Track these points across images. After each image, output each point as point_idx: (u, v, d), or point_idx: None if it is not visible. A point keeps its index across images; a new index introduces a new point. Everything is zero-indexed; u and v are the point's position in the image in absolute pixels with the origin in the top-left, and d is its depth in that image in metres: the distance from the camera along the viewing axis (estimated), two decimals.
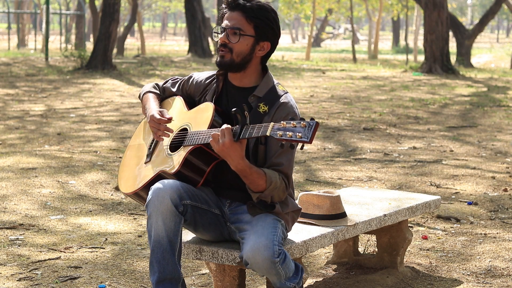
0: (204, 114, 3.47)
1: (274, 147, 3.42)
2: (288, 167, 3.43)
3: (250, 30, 3.45)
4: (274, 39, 3.51)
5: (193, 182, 3.44)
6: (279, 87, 3.52)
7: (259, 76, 3.54)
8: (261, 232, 3.31)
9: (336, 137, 9.60)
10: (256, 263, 3.27)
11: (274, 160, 3.41)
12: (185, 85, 3.69)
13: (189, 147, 3.39)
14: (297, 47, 46.68)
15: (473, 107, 12.91)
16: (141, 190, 3.50)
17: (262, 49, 3.49)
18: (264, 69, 3.56)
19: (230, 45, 3.44)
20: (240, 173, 3.32)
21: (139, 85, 15.69)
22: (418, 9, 30.86)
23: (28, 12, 37.15)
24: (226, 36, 3.45)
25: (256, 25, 3.45)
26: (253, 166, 3.32)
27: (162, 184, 3.35)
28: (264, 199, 3.40)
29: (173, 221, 3.33)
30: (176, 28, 79.22)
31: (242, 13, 3.44)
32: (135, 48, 34.00)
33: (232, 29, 3.44)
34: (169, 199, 3.31)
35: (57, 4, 46.40)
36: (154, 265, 3.35)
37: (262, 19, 3.45)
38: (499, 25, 79.85)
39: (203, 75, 3.67)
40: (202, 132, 3.38)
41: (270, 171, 3.37)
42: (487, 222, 5.78)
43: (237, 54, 3.45)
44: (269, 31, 3.48)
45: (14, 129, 9.83)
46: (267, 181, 3.34)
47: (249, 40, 3.45)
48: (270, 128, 3.11)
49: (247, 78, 3.52)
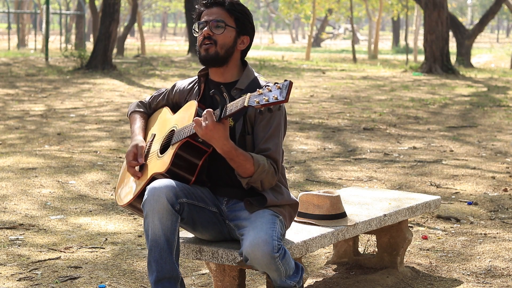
0: (188, 111, 3.52)
1: (260, 134, 3.45)
2: (276, 152, 3.45)
3: (232, 23, 3.52)
4: (252, 34, 3.59)
5: (186, 179, 3.45)
6: (261, 78, 3.57)
7: (240, 70, 3.59)
8: (260, 227, 3.32)
9: (336, 137, 9.60)
10: (255, 259, 3.28)
11: (261, 146, 3.44)
12: (170, 95, 3.74)
13: (177, 143, 3.42)
14: (297, 47, 46.68)
15: (473, 107, 12.91)
16: (135, 199, 3.51)
17: (242, 43, 3.55)
18: (244, 63, 3.61)
19: (215, 37, 3.49)
20: (227, 156, 3.33)
21: (139, 85, 15.70)
22: (418, 9, 30.87)
23: (28, 12, 37.15)
24: (209, 29, 3.49)
25: (237, 18, 3.52)
26: (238, 148, 3.35)
27: (158, 183, 3.36)
28: (254, 184, 3.41)
29: (170, 219, 3.33)
30: (176, 28, 79.23)
31: (222, 8, 3.51)
32: (135, 48, 34.01)
33: (215, 22, 3.49)
34: (165, 198, 3.31)
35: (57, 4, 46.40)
36: (152, 265, 3.35)
37: (242, 14, 3.53)
38: (499, 25, 79.85)
39: (185, 81, 3.73)
40: (187, 126, 3.42)
41: (257, 155, 3.40)
42: (487, 222, 5.78)
43: (221, 46, 3.49)
44: (248, 25, 3.55)
45: (14, 129, 9.83)
46: (255, 164, 3.36)
47: (232, 32, 3.51)
48: (247, 99, 3.14)
49: (228, 73, 3.56)
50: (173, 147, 3.44)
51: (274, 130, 3.45)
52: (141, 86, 15.46)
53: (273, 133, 3.44)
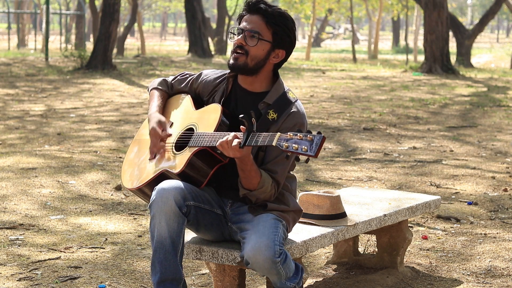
0: (211, 116, 3.46)
1: (272, 154, 3.42)
2: (281, 176, 3.44)
3: (268, 36, 3.42)
4: (289, 48, 3.49)
5: (196, 183, 3.44)
6: (289, 94, 3.49)
7: (270, 82, 3.52)
8: (262, 231, 3.31)
9: (336, 137, 9.60)
10: (257, 263, 3.28)
11: (269, 166, 3.41)
12: (194, 84, 3.67)
13: (194, 148, 3.38)
14: (297, 47, 46.62)
15: (473, 107, 12.91)
16: (145, 186, 3.49)
17: (276, 57, 3.47)
18: (276, 75, 3.54)
19: (247, 47, 3.41)
20: (241, 166, 3.31)
21: (139, 85, 15.69)
22: (418, 9, 30.86)
23: (28, 12, 37.15)
24: (243, 38, 3.42)
25: (275, 32, 3.42)
26: (254, 164, 3.33)
27: (166, 184, 3.34)
28: (250, 197, 3.42)
29: (176, 222, 3.33)
30: (176, 28, 79.22)
31: (262, 18, 3.42)
32: (135, 48, 34.00)
33: (250, 32, 3.41)
34: (173, 200, 3.31)
35: (57, 4, 46.40)
36: (156, 266, 3.35)
37: (282, 27, 3.42)
38: (499, 25, 79.84)
39: (212, 74, 3.64)
40: (208, 134, 3.37)
41: (266, 175, 3.38)
42: (487, 222, 5.78)
43: (252, 58, 3.42)
44: (286, 39, 3.45)
45: (14, 129, 9.83)
46: (260, 182, 3.35)
47: (266, 45, 3.42)
48: (276, 139, 3.08)
49: (257, 83, 3.50)
50: (189, 151, 3.40)
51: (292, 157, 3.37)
52: (141, 86, 15.46)
53: (290, 158, 3.35)
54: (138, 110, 11.88)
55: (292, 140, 3.03)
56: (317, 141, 2.99)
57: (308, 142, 3.00)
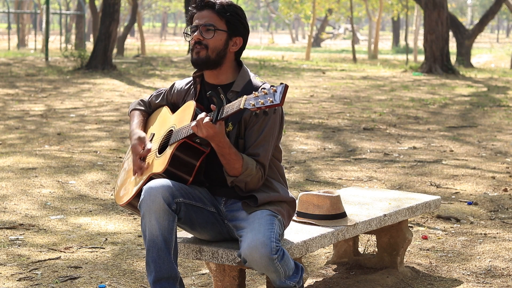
0: (186, 112, 3.53)
1: (251, 138, 3.46)
2: (264, 157, 3.46)
3: (223, 26, 3.50)
4: (245, 34, 3.57)
5: (183, 179, 3.45)
6: (256, 79, 3.57)
7: (235, 72, 3.58)
8: (258, 229, 3.32)
9: (336, 137, 9.60)
10: (254, 261, 3.28)
11: (250, 151, 3.45)
12: (168, 95, 3.76)
13: (175, 144, 3.43)
14: (297, 47, 46.68)
15: (473, 107, 12.91)
16: (134, 199, 3.52)
17: (235, 45, 3.54)
18: (239, 64, 3.60)
19: (205, 41, 3.48)
20: (220, 151, 3.35)
21: (139, 85, 15.70)
22: (418, 9, 30.87)
23: (28, 12, 37.17)
24: (200, 33, 3.49)
25: (228, 21, 3.50)
26: (233, 147, 3.37)
27: (154, 183, 3.36)
28: (238, 184, 3.44)
29: (167, 219, 3.33)
30: (176, 28, 79.21)
31: (212, 11, 3.50)
32: (135, 48, 34.01)
33: (205, 26, 3.49)
34: (161, 198, 3.32)
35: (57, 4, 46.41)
36: (150, 265, 3.35)
37: (233, 15, 3.51)
38: (499, 25, 79.84)
39: (183, 82, 3.73)
40: (185, 127, 3.43)
41: (248, 158, 3.42)
42: (487, 222, 5.78)
43: (212, 49, 3.48)
44: (240, 26, 3.53)
45: (14, 129, 9.83)
46: (243, 165, 3.38)
47: (223, 35, 3.50)
48: (243, 101, 3.16)
49: (223, 75, 3.56)
50: (170, 148, 3.45)
51: (265, 135, 3.45)
52: (141, 86, 15.46)
53: (264, 138, 3.45)
54: None
55: (257, 97, 3.12)
56: (281, 89, 3.09)
57: (272, 93, 3.10)
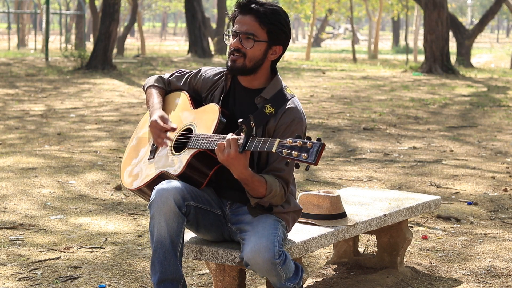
0: (209, 116, 3.46)
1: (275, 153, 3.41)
2: (288, 174, 3.42)
3: (264, 36, 3.42)
4: (285, 43, 3.50)
5: (196, 183, 3.44)
6: (286, 90, 3.50)
7: (268, 79, 3.53)
8: (261, 233, 3.31)
9: (336, 137, 9.60)
10: (256, 265, 3.28)
11: (275, 165, 3.40)
12: (193, 80, 3.66)
13: (193, 150, 3.39)
14: (297, 47, 46.66)
15: (473, 107, 12.91)
16: (145, 187, 3.50)
17: (274, 53, 3.48)
18: (273, 71, 3.55)
19: (244, 50, 3.41)
20: (242, 181, 3.31)
21: (139, 85, 15.69)
22: (418, 9, 30.86)
23: (28, 12, 37.16)
24: (239, 41, 3.42)
25: (270, 30, 3.42)
26: (255, 175, 3.30)
27: (166, 185, 3.35)
28: (262, 204, 3.40)
29: (176, 222, 3.33)
30: (176, 28, 79.21)
31: (255, 18, 3.41)
32: (135, 48, 34.00)
33: (245, 34, 3.41)
34: (172, 200, 3.31)
35: (57, 4, 46.40)
36: (155, 265, 3.35)
37: (276, 24, 3.42)
38: (499, 25, 79.83)
39: (211, 71, 3.64)
40: (207, 137, 3.37)
41: (271, 179, 3.35)
42: (487, 222, 5.78)
43: (250, 59, 3.42)
44: (282, 35, 3.46)
45: (14, 129, 9.83)
46: (267, 189, 3.33)
47: (262, 45, 3.43)
48: (276, 145, 3.09)
49: (256, 80, 3.51)
50: (188, 152, 3.40)
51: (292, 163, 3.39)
52: (141, 86, 15.43)
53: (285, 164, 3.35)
54: (138, 110, 11.88)
55: (291, 146, 3.04)
56: (317, 148, 2.99)
57: (308, 149, 3.01)
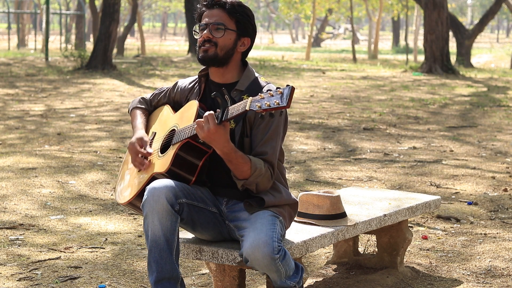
0: (189, 111, 3.53)
1: (258, 137, 3.46)
2: (272, 156, 3.46)
3: (232, 25, 3.52)
4: (253, 35, 3.59)
5: (186, 179, 3.46)
6: (261, 79, 3.58)
7: (240, 71, 3.59)
8: (260, 229, 3.33)
9: (336, 137, 9.60)
10: (256, 260, 3.28)
11: (258, 149, 3.45)
12: (171, 93, 3.76)
13: (178, 143, 3.43)
14: (297, 47, 46.67)
15: (473, 107, 12.91)
16: (136, 198, 3.51)
17: (243, 45, 3.56)
18: (244, 64, 3.61)
19: (215, 39, 3.49)
20: (226, 157, 3.35)
21: (139, 85, 15.70)
22: (418, 9, 30.86)
23: (28, 12, 37.16)
24: (209, 32, 3.50)
25: (238, 21, 3.52)
26: (238, 151, 3.36)
27: (157, 183, 3.36)
28: (249, 186, 3.43)
29: (170, 220, 3.34)
30: (176, 28, 79.22)
31: (222, 10, 3.51)
32: (135, 48, 34.00)
33: (215, 25, 3.50)
34: (164, 198, 3.32)
35: (57, 4, 46.41)
36: (152, 265, 3.36)
37: (243, 15, 3.53)
38: (499, 25, 79.84)
39: (186, 80, 3.74)
40: (188, 127, 3.43)
41: (255, 159, 3.41)
42: (487, 222, 5.78)
43: (221, 48, 3.50)
44: (249, 27, 3.55)
45: (14, 129, 9.83)
46: (252, 167, 3.38)
47: (232, 34, 3.52)
48: (249, 103, 3.15)
49: (229, 74, 3.57)
50: (173, 147, 3.45)
51: (272, 134, 3.46)
52: (141, 86, 15.46)
53: (271, 136, 3.46)
54: None
55: (263, 99, 3.12)
56: (287, 91, 3.09)
57: (279, 95, 3.10)
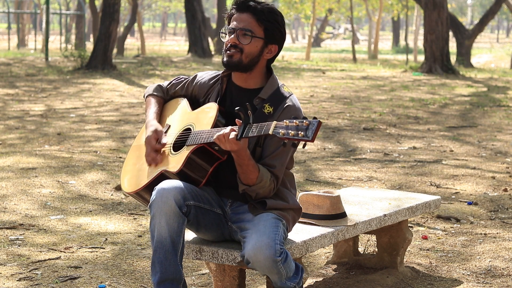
0: (207, 114, 3.48)
1: (270, 148, 3.44)
2: (280, 170, 3.45)
3: (260, 33, 3.46)
4: (281, 42, 3.53)
5: (195, 181, 3.45)
6: (284, 89, 3.53)
7: (264, 78, 3.55)
8: (263, 231, 3.32)
9: (336, 137, 9.60)
10: (257, 262, 3.28)
11: (268, 161, 3.43)
12: (189, 86, 3.69)
13: (192, 146, 3.40)
14: (297, 47, 46.67)
15: (473, 107, 12.91)
16: (143, 189, 3.50)
17: (269, 52, 3.51)
18: (269, 71, 3.56)
19: (241, 45, 3.44)
20: (239, 161, 3.33)
21: (139, 85, 15.69)
22: (418, 9, 30.86)
23: (28, 12, 37.16)
24: (236, 37, 3.45)
25: (266, 28, 3.46)
26: (252, 159, 3.35)
27: (166, 184, 3.35)
28: (249, 193, 3.43)
29: (177, 222, 3.33)
30: (176, 28, 79.21)
31: (252, 15, 3.45)
32: (135, 48, 34.00)
33: (242, 30, 3.44)
34: (173, 200, 3.31)
35: (57, 4, 46.40)
36: (156, 265, 3.35)
37: (272, 22, 3.46)
38: (499, 25, 79.84)
39: (207, 75, 3.67)
40: (204, 132, 3.39)
41: (264, 169, 3.40)
42: (487, 222, 5.78)
43: (246, 55, 3.45)
44: (278, 34, 3.49)
45: (14, 129, 9.83)
46: (259, 177, 3.37)
47: (259, 42, 3.46)
48: (273, 127, 3.12)
49: (252, 80, 3.53)
50: (187, 149, 3.41)
51: (283, 148, 3.42)
52: (141, 86, 15.46)
53: (283, 150, 3.43)
54: (138, 110, 11.88)
55: (288, 127, 3.08)
56: (313, 125, 3.04)
57: (304, 127, 3.05)
